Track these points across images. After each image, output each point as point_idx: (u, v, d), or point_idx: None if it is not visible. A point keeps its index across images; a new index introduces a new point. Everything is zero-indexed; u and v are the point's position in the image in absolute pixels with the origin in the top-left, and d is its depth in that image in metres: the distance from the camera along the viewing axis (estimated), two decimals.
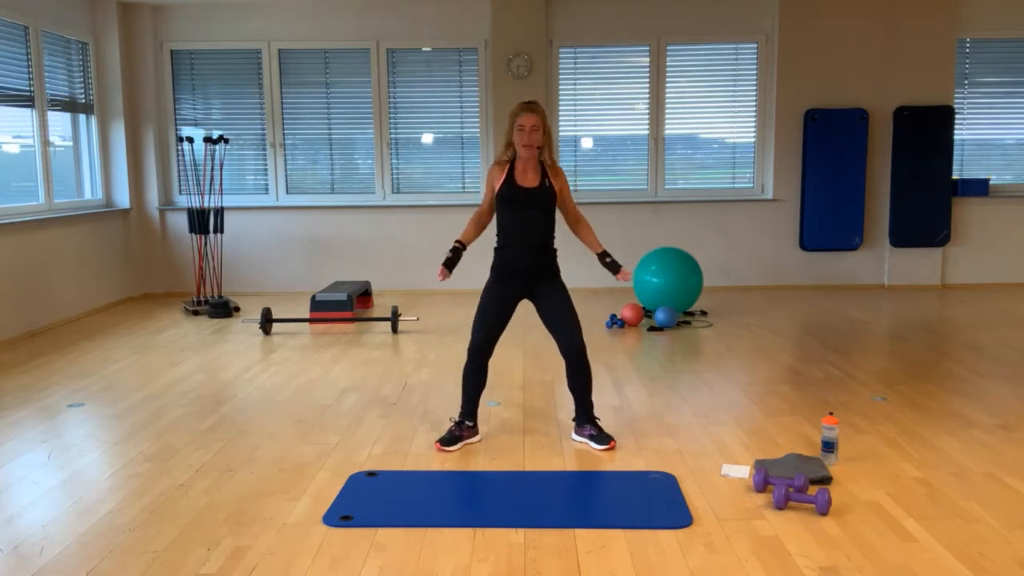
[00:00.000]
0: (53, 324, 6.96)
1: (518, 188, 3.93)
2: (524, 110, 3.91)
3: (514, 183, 3.94)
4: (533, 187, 3.93)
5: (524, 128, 3.88)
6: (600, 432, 3.98)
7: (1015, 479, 3.51)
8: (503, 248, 4.00)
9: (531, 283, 3.99)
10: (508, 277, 3.99)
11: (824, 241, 8.36)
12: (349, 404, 4.71)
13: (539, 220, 3.95)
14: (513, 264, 3.97)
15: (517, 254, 3.96)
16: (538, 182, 3.94)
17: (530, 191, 3.92)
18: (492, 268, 4.05)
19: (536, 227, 3.95)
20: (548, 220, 3.98)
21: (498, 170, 3.99)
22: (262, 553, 2.95)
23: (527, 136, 3.88)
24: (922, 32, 8.09)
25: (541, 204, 3.94)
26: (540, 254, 3.97)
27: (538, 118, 3.90)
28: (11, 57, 6.77)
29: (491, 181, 4.01)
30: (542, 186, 3.94)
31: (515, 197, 3.93)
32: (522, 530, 3.09)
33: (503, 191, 3.94)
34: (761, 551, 2.91)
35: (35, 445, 4.09)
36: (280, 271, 8.51)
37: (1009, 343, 5.98)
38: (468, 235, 4.07)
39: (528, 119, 3.88)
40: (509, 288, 4.00)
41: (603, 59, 8.45)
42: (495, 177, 3.99)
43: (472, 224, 4.09)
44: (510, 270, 3.99)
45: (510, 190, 3.93)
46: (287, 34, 8.33)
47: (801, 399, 4.70)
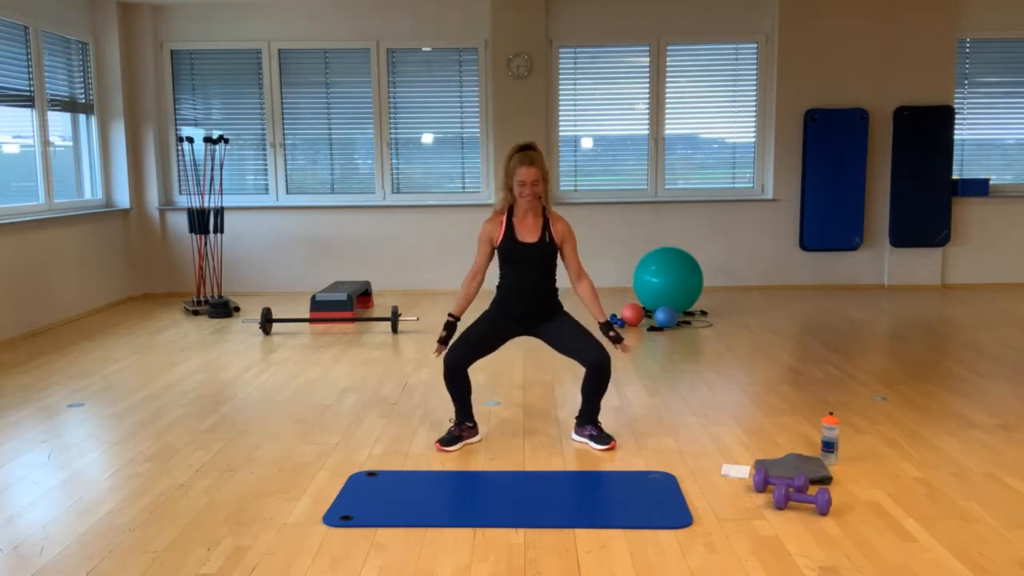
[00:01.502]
0: (53, 324, 6.96)
1: (518, 245, 3.90)
2: (523, 162, 3.83)
3: (514, 239, 3.91)
4: (533, 243, 3.91)
5: (525, 183, 3.82)
6: (600, 432, 3.97)
7: (1015, 479, 3.51)
8: (503, 289, 4.00)
9: (532, 323, 3.99)
10: (507, 318, 4.00)
11: (824, 241, 8.36)
12: (349, 404, 4.71)
13: (539, 274, 3.94)
14: (513, 306, 3.98)
15: (517, 300, 3.96)
16: (538, 235, 3.91)
17: (530, 247, 3.90)
18: (492, 302, 4.05)
19: (535, 279, 3.94)
20: (549, 272, 3.97)
21: (495, 223, 3.95)
22: (262, 553, 2.95)
23: (529, 191, 3.83)
24: (922, 32, 8.10)
25: (541, 259, 3.93)
26: (541, 302, 3.97)
27: (538, 171, 3.84)
28: (11, 57, 6.77)
29: (487, 236, 3.96)
30: (542, 241, 3.91)
31: (515, 254, 3.92)
32: (522, 530, 3.08)
33: (503, 248, 3.92)
34: (761, 551, 2.91)
35: (35, 445, 4.09)
36: (280, 271, 8.51)
37: (1009, 343, 5.98)
38: (461, 306, 4.03)
39: (528, 174, 3.82)
40: (506, 325, 4.01)
41: (603, 59, 8.45)
42: (493, 231, 3.94)
43: (464, 294, 4.03)
44: (510, 311, 3.99)
45: (510, 247, 3.91)
46: (287, 34, 8.34)
47: (801, 399, 4.70)
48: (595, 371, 3.91)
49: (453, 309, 4.04)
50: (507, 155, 3.93)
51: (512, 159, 3.88)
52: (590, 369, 3.91)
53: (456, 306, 4.04)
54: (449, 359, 3.92)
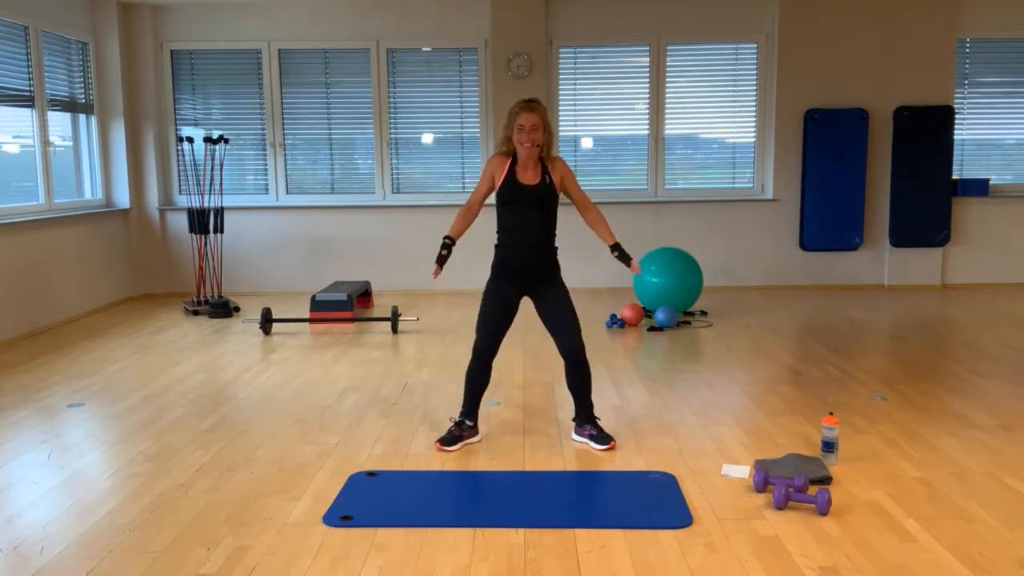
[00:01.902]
0: (53, 324, 6.96)
1: (519, 186, 3.90)
2: (524, 109, 3.86)
3: (515, 181, 3.91)
4: (533, 184, 3.90)
5: (524, 127, 3.83)
6: (600, 432, 3.97)
7: (1015, 479, 3.51)
8: (503, 247, 3.98)
9: (531, 282, 3.98)
10: (508, 276, 3.98)
11: (824, 241, 8.36)
12: (349, 404, 4.71)
13: (539, 219, 3.93)
14: (513, 263, 3.96)
15: (517, 253, 3.95)
16: (538, 179, 3.92)
17: (530, 189, 3.90)
18: (492, 267, 4.04)
19: (536, 226, 3.93)
20: (548, 219, 3.97)
21: (500, 161, 3.94)
22: (262, 553, 2.95)
23: (527, 135, 3.83)
24: (922, 32, 8.09)
25: (541, 203, 3.92)
26: (540, 253, 3.96)
27: (538, 117, 3.85)
28: (11, 57, 6.77)
29: (491, 171, 3.96)
30: (542, 184, 3.91)
31: (515, 196, 3.90)
32: (522, 530, 3.08)
33: (503, 190, 3.92)
34: (761, 551, 2.91)
35: (35, 445, 4.09)
36: (280, 271, 8.51)
37: (1009, 343, 5.98)
38: (457, 229, 4.04)
39: (528, 118, 3.83)
40: (509, 287, 3.99)
41: (603, 59, 8.45)
42: (496, 169, 3.94)
43: (461, 217, 4.05)
44: (510, 269, 3.97)
45: (511, 189, 3.90)
46: (287, 34, 8.34)
47: (801, 399, 4.70)
48: (571, 362, 3.95)
49: (449, 231, 4.05)
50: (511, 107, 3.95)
51: (515, 106, 3.91)
52: (566, 360, 3.97)
53: (451, 229, 4.04)
54: (478, 345, 3.95)
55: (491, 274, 4.04)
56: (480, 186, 4.02)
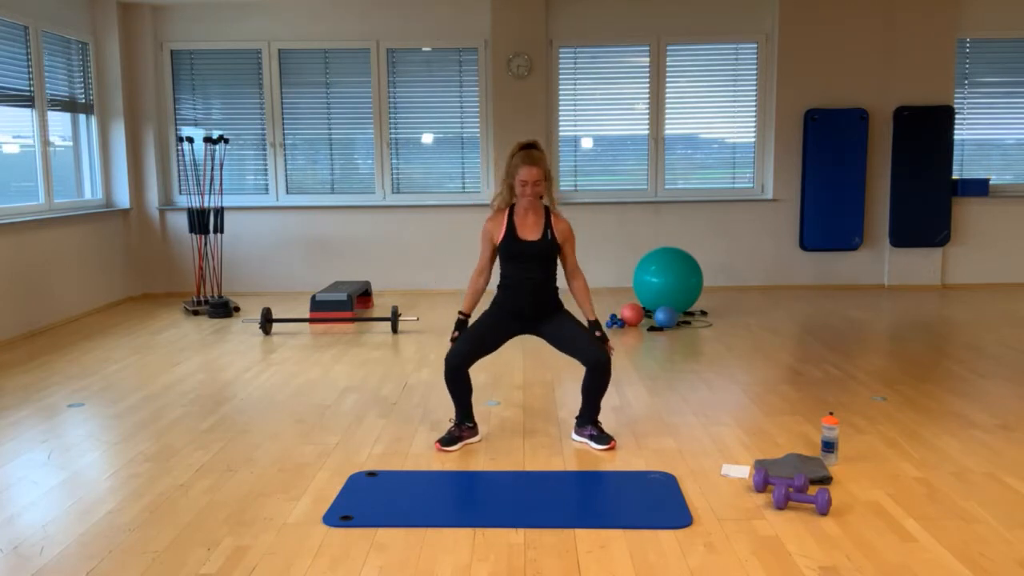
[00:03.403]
0: (53, 324, 6.96)
1: (520, 242, 3.90)
2: (525, 162, 3.81)
3: (515, 236, 3.90)
4: (535, 240, 3.90)
5: (527, 183, 3.80)
6: (600, 432, 3.97)
7: (1015, 479, 3.51)
8: (505, 288, 4.00)
9: (533, 321, 4.00)
10: (508, 315, 4.00)
11: (824, 241, 8.36)
12: (349, 404, 4.71)
13: (540, 271, 3.93)
14: (515, 304, 3.98)
15: (518, 297, 3.96)
16: (540, 233, 3.90)
17: (532, 245, 3.90)
18: (493, 301, 4.06)
19: (538, 277, 3.94)
20: (550, 270, 3.98)
21: (497, 222, 3.94)
22: (262, 553, 2.95)
23: (531, 190, 3.82)
24: (922, 32, 8.09)
25: (542, 257, 3.92)
26: (542, 299, 3.97)
27: (540, 171, 3.81)
28: (11, 57, 6.77)
29: (488, 234, 3.96)
30: (544, 239, 3.91)
31: (516, 251, 3.91)
32: (522, 530, 3.08)
33: (504, 245, 3.92)
34: (761, 551, 2.91)
35: (35, 445, 4.09)
36: (280, 271, 8.51)
37: (1009, 343, 5.98)
38: (469, 304, 4.04)
39: (530, 173, 3.79)
40: (507, 324, 4.00)
41: (603, 59, 8.45)
42: (495, 230, 3.94)
43: (472, 287, 4.05)
44: (511, 308, 3.99)
45: (512, 245, 3.91)
46: (287, 34, 8.34)
47: (801, 399, 4.70)
48: (595, 370, 3.91)
49: (462, 307, 4.05)
50: (510, 152, 3.92)
51: (515, 157, 3.87)
52: (590, 368, 3.92)
53: (465, 303, 4.05)
54: (450, 358, 3.92)
55: (490, 307, 4.05)
56: (483, 252, 4.01)
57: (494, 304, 4.05)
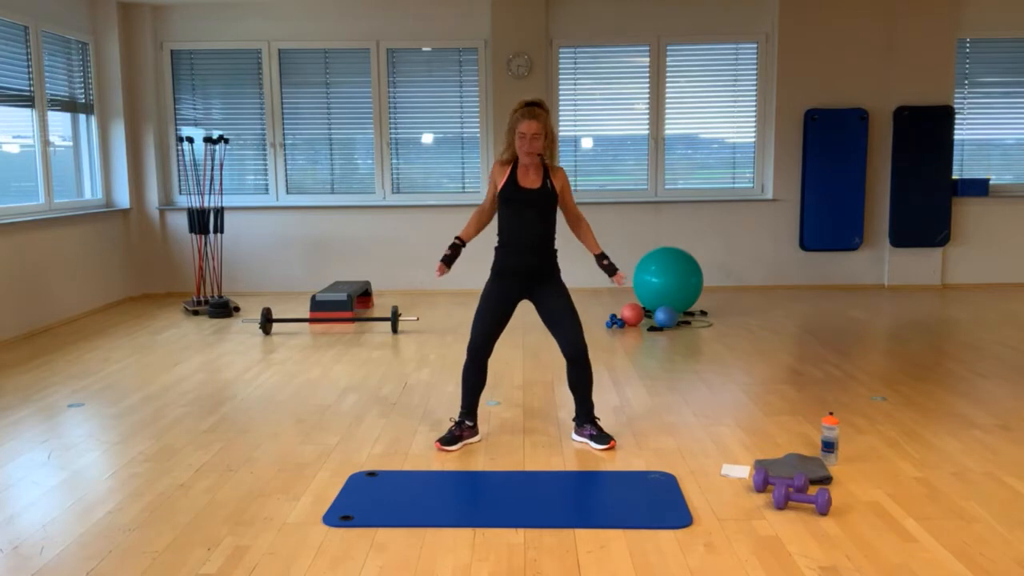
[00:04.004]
0: (53, 324, 6.96)
1: (520, 189, 3.92)
2: (525, 116, 3.83)
3: (516, 184, 3.93)
4: (534, 188, 3.92)
5: (525, 136, 3.83)
6: (600, 432, 3.97)
7: (1015, 479, 3.51)
8: (503, 247, 3.99)
9: (531, 283, 3.98)
10: (508, 277, 3.99)
11: (824, 241, 8.36)
12: (349, 404, 4.71)
13: (539, 221, 3.94)
14: (513, 264, 3.97)
15: (517, 254, 3.96)
16: (540, 183, 3.93)
17: (531, 192, 3.92)
18: (492, 267, 4.05)
19: (536, 228, 3.94)
20: (548, 221, 3.98)
21: (501, 169, 3.97)
22: (262, 553, 2.95)
23: (528, 143, 3.83)
24: (922, 32, 8.09)
25: (541, 205, 3.93)
26: (540, 255, 3.96)
27: (539, 124, 3.82)
28: (11, 57, 6.77)
29: (494, 179, 3.99)
30: (543, 187, 3.93)
31: (516, 197, 3.92)
32: (522, 530, 3.08)
33: (504, 191, 3.93)
34: (761, 551, 2.91)
35: (35, 445, 4.09)
36: (280, 271, 8.51)
37: (1009, 343, 5.98)
38: (468, 232, 4.07)
39: (529, 126, 3.81)
40: (508, 288, 3.99)
41: (603, 59, 8.45)
42: (498, 175, 3.97)
43: (474, 220, 4.08)
44: (510, 270, 3.98)
45: (512, 190, 3.92)
46: (287, 34, 8.34)
47: (801, 399, 4.70)
48: (574, 362, 3.95)
49: (460, 233, 4.06)
50: (513, 108, 3.92)
51: (516, 112, 3.89)
52: (569, 360, 3.96)
53: (463, 231, 4.06)
54: (472, 344, 3.95)
55: (490, 275, 4.05)
56: (488, 191, 4.05)
57: (493, 271, 4.03)
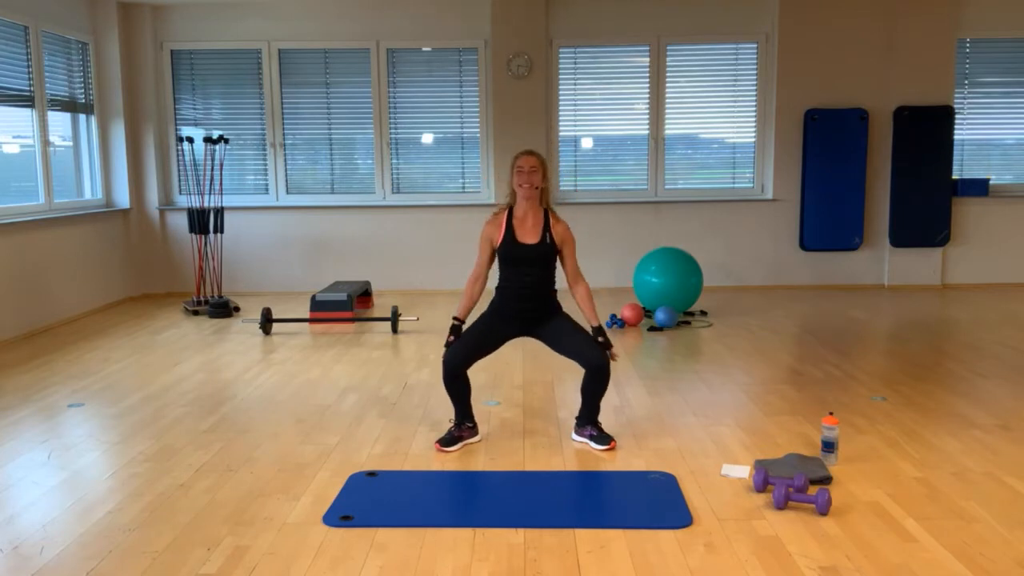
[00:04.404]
0: (53, 324, 6.96)
1: (518, 246, 3.93)
2: (523, 153, 3.99)
3: (514, 240, 3.94)
4: (533, 244, 3.93)
5: (523, 169, 3.91)
6: (600, 432, 3.98)
7: (1015, 479, 3.51)
8: (502, 291, 4.02)
9: (529, 323, 4.01)
10: (505, 317, 4.01)
11: (824, 241, 8.35)
12: (349, 404, 4.71)
13: (539, 275, 3.96)
14: (511, 307, 3.99)
15: (516, 301, 3.98)
16: (539, 237, 3.94)
17: (530, 249, 3.93)
18: (491, 304, 4.06)
19: (535, 281, 3.96)
20: (549, 273, 4.00)
21: (495, 224, 3.98)
22: (262, 553, 2.95)
23: (526, 177, 3.90)
24: (922, 32, 8.09)
25: (540, 261, 3.95)
26: (539, 303, 3.99)
27: (537, 160, 3.95)
28: (11, 57, 6.77)
29: (487, 237, 4.00)
30: (543, 242, 3.94)
31: (515, 254, 3.94)
32: (522, 530, 3.08)
33: (503, 249, 3.95)
34: (761, 551, 2.91)
35: (35, 445, 4.09)
36: (280, 271, 8.51)
37: (1009, 343, 5.98)
38: (465, 309, 4.06)
39: (527, 160, 3.93)
40: (504, 327, 4.02)
41: (603, 59, 8.45)
42: (494, 233, 3.98)
43: (468, 293, 4.07)
44: (507, 311, 4.00)
45: (510, 248, 3.94)
46: (287, 34, 8.33)
47: (801, 399, 4.70)
48: (594, 373, 3.92)
49: (457, 311, 4.07)
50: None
51: (516, 156, 4.02)
52: (589, 371, 3.92)
53: (460, 308, 4.07)
54: (448, 360, 3.94)
55: (488, 310, 4.06)
56: (480, 255, 4.04)
57: (491, 307, 4.06)
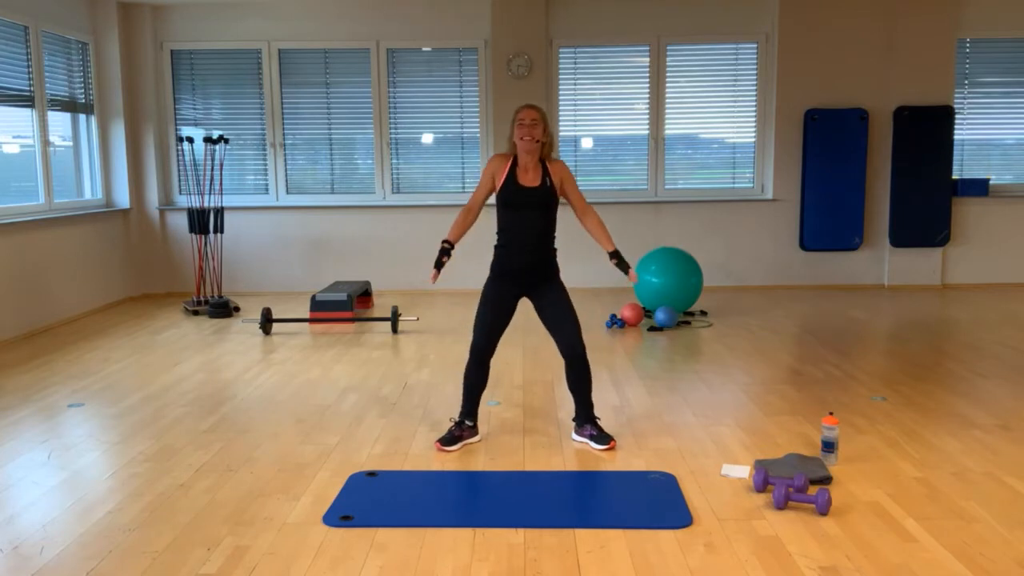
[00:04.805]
0: (53, 324, 6.96)
1: (519, 188, 3.92)
2: (524, 107, 3.98)
3: (515, 182, 3.93)
4: (534, 187, 3.93)
5: (524, 122, 3.90)
6: (600, 432, 3.98)
7: (1015, 479, 3.51)
8: (502, 247, 4.00)
9: (530, 283, 3.99)
10: (507, 276, 3.99)
11: (824, 241, 8.35)
12: (349, 404, 4.71)
13: (539, 221, 3.94)
14: (512, 264, 3.97)
15: (516, 254, 3.96)
16: (539, 181, 3.94)
17: (530, 191, 3.92)
18: (491, 267, 4.05)
19: (536, 228, 3.94)
20: (548, 221, 3.98)
21: (500, 161, 3.97)
22: (262, 553, 2.95)
23: (527, 129, 3.88)
24: (922, 32, 8.09)
25: (541, 205, 3.93)
26: (539, 254, 3.97)
27: (538, 113, 3.94)
28: (11, 57, 6.77)
29: (491, 172, 3.98)
30: (543, 186, 3.93)
31: (515, 198, 3.92)
32: (522, 530, 3.08)
33: (503, 191, 3.93)
34: (761, 551, 2.91)
35: (35, 445, 4.09)
36: (280, 271, 8.51)
37: (1009, 343, 5.98)
38: (456, 233, 4.04)
39: (528, 113, 3.92)
40: (508, 287, 4.00)
41: (603, 59, 8.45)
42: (497, 169, 3.96)
43: (460, 220, 4.05)
44: (509, 269, 3.98)
45: (511, 190, 3.92)
46: (287, 34, 8.34)
47: (801, 399, 4.70)
48: (573, 362, 3.96)
49: (448, 235, 4.04)
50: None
51: (517, 109, 4.00)
52: (567, 360, 3.97)
53: (450, 233, 4.04)
54: (475, 344, 3.96)
55: (490, 274, 4.05)
56: (480, 187, 4.03)
57: (492, 271, 4.04)
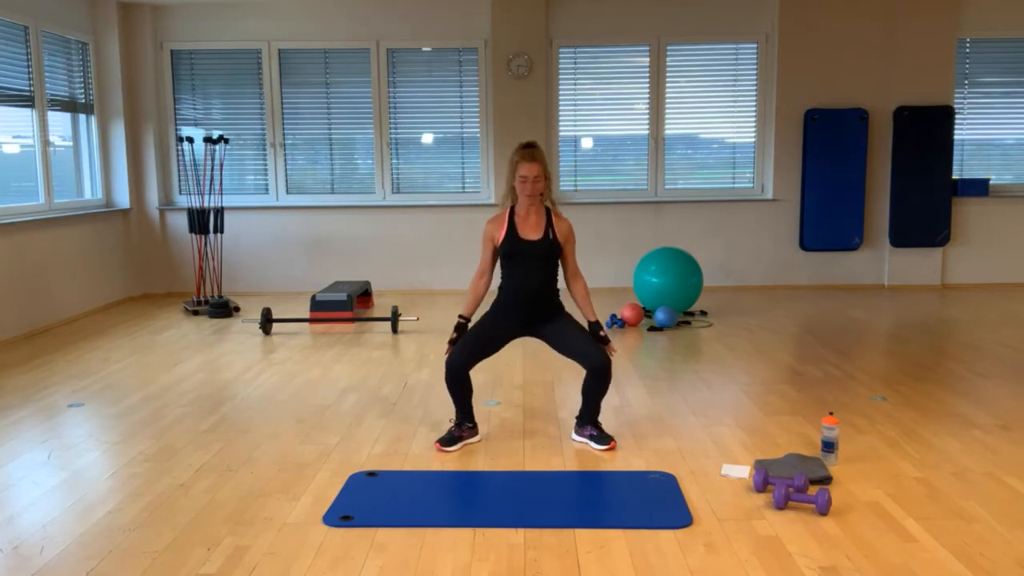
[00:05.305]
0: (53, 324, 6.96)
1: (521, 242, 3.92)
2: (525, 158, 3.88)
3: (516, 236, 3.92)
4: (536, 240, 3.92)
5: (527, 179, 3.85)
6: (601, 432, 3.98)
7: (1015, 479, 3.51)
8: (505, 290, 4.01)
9: (533, 323, 4.00)
10: (509, 316, 4.00)
11: (824, 241, 8.36)
12: (349, 404, 4.71)
13: (540, 272, 3.94)
14: (514, 308, 3.98)
15: (518, 301, 3.97)
16: (541, 233, 3.92)
17: (533, 244, 3.92)
18: (494, 304, 4.06)
19: (537, 277, 3.94)
20: (550, 270, 3.98)
21: (497, 223, 3.97)
22: (262, 553, 2.95)
23: (530, 186, 3.85)
24: (922, 32, 8.09)
25: (543, 256, 3.94)
26: (542, 301, 3.98)
27: (540, 166, 3.88)
28: (11, 57, 6.77)
29: (489, 236, 3.98)
30: (545, 238, 3.92)
31: (517, 250, 3.92)
32: (522, 530, 3.08)
33: (505, 245, 3.93)
34: (761, 551, 2.91)
35: (35, 445, 4.09)
36: (280, 271, 8.51)
37: (1009, 343, 5.98)
38: (470, 307, 4.05)
39: (530, 169, 3.85)
40: (508, 325, 4.01)
41: (603, 59, 8.45)
42: (495, 231, 3.96)
43: (472, 294, 4.05)
44: (511, 312, 3.99)
45: (512, 242, 3.92)
46: (287, 34, 8.34)
47: (801, 399, 4.70)
48: (596, 373, 3.92)
49: (463, 310, 4.06)
50: (511, 154, 3.97)
51: (515, 155, 3.93)
52: (591, 371, 3.92)
53: (465, 307, 4.06)
54: (450, 361, 3.93)
55: (491, 309, 4.06)
56: (484, 253, 4.03)
57: (494, 306, 4.06)
